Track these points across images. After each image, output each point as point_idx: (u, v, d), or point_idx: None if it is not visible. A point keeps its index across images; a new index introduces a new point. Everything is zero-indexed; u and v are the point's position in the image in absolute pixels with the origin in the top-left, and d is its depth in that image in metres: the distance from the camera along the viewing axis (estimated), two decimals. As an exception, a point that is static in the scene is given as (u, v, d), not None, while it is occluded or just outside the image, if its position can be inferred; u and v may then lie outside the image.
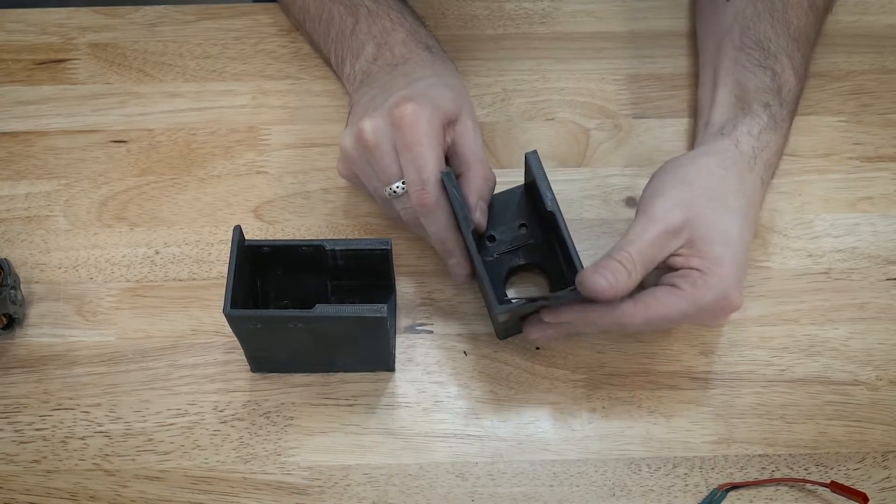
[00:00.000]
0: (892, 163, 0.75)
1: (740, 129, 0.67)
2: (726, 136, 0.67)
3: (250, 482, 0.63)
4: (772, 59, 0.70)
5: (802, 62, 0.72)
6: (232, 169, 0.75)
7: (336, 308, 0.61)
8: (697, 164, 0.65)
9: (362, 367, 0.67)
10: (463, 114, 0.66)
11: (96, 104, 0.78)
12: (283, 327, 0.61)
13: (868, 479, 0.63)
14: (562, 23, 0.83)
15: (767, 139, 0.67)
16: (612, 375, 0.67)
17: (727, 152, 0.66)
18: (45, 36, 0.81)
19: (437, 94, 0.64)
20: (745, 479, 0.63)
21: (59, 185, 0.74)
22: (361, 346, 0.64)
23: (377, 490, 0.63)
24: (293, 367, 0.67)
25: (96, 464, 0.64)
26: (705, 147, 0.67)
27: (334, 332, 0.62)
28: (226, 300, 0.60)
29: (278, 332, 0.62)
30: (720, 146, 0.66)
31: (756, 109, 0.68)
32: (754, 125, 0.67)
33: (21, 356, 0.67)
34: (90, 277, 0.70)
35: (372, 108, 0.64)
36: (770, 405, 0.66)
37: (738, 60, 0.71)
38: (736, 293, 0.62)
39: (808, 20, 0.73)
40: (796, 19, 0.72)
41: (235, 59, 0.80)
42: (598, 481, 0.63)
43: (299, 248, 0.64)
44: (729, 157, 0.65)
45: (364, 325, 0.60)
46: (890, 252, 0.71)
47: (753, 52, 0.70)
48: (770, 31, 0.71)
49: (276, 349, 0.64)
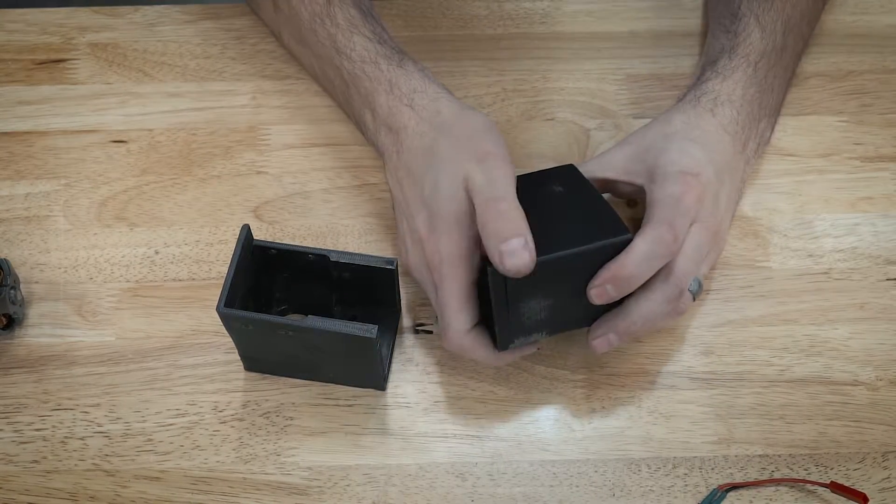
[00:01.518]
0: (892, 163, 0.75)
1: (687, 92, 0.70)
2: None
3: (250, 482, 0.63)
4: (737, 22, 0.72)
5: (776, 17, 0.72)
6: (232, 169, 0.75)
7: (326, 322, 0.60)
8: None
9: (352, 382, 0.66)
10: (469, 170, 0.60)
11: (96, 104, 0.78)
12: (273, 333, 0.61)
13: (868, 480, 0.63)
14: (562, 23, 0.83)
15: (709, 87, 0.68)
16: (612, 375, 0.67)
17: (669, 108, 0.69)
18: (45, 36, 0.81)
19: (443, 196, 0.60)
20: (744, 479, 0.63)
21: (59, 185, 0.74)
22: (352, 363, 0.64)
23: (377, 490, 0.63)
24: (284, 371, 0.66)
25: (96, 464, 0.64)
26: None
27: (324, 345, 0.61)
28: (220, 298, 0.60)
29: (269, 337, 0.62)
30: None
31: (705, 71, 0.70)
32: (698, 81, 0.70)
33: (20, 356, 0.67)
34: (90, 277, 0.70)
35: (409, 236, 0.64)
36: (770, 405, 0.66)
37: (713, 32, 0.74)
38: (704, 168, 0.63)
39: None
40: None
41: (235, 59, 0.80)
42: (598, 481, 0.63)
43: (306, 255, 0.63)
44: (671, 108, 0.69)
45: (352, 343, 0.60)
46: (890, 252, 0.71)
47: (724, 20, 0.73)
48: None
49: (267, 352, 0.64)
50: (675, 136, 0.65)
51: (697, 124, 0.66)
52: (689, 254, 0.61)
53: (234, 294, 0.61)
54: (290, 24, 0.76)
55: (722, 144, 0.66)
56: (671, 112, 0.68)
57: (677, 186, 0.62)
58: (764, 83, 0.70)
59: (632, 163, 0.66)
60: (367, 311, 0.67)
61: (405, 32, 0.82)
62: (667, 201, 0.61)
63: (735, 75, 0.69)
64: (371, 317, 0.64)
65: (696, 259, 0.62)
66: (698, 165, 0.63)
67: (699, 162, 0.63)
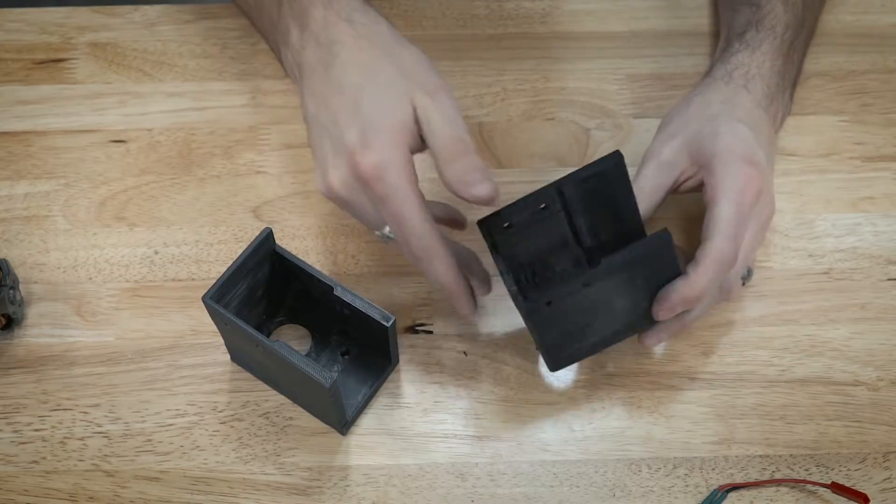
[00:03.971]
0: (893, 162, 0.75)
1: (715, 65, 0.70)
2: (704, 76, 0.71)
3: (250, 483, 0.63)
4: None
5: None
6: (232, 169, 0.75)
7: (292, 353, 0.57)
8: (674, 107, 0.70)
9: (317, 415, 0.65)
10: (419, 100, 0.59)
11: (95, 104, 0.78)
12: (248, 341, 0.60)
13: (869, 480, 0.63)
14: (562, 23, 0.82)
15: (739, 60, 0.69)
16: (612, 375, 0.67)
17: (700, 85, 0.70)
18: (45, 35, 0.81)
19: (382, 111, 0.59)
20: (745, 479, 0.63)
21: (59, 185, 0.74)
22: (315, 398, 0.62)
23: (377, 490, 0.63)
24: (261, 376, 0.66)
25: (95, 464, 0.64)
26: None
27: (290, 373, 0.60)
28: (211, 288, 0.59)
29: (245, 343, 0.61)
30: (698, 85, 0.70)
31: (733, 44, 0.71)
32: (726, 55, 0.70)
33: (20, 356, 0.67)
34: (89, 278, 0.70)
35: (331, 153, 0.60)
36: (770, 405, 0.66)
37: (731, 5, 0.75)
38: (757, 151, 0.63)
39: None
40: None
41: (235, 59, 0.80)
42: (599, 482, 0.63)
43: (316, 280, 0.61)
44: (702, 85, 0.69)
45: (312, 382, 0.57)
46: (891, 252, 0.71)
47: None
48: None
49: (248, 354, 0.64)
50: (720, 117, 0.65)
51: (738, 102, 0.67)
52: (745, 252, 0.63)
53: (228, 288, 0.60)
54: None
55: (762, 122, 0.67)
56: (706, 91, 0.68)
57: (739, 179, 0.62)
58: (788, 55, 0.71)
59: (687, 155, 0.65)
60: (363, 350, 0.66)
61: (405, 32, 0.80)
62: (731, 198, 0.61)
63: (763, 46, 0.70)
64: (364, 356, 0.64)
65: (750, 255, 0.63)
66: (752, 150, 0.63)
67: (752, 145, 0.64)
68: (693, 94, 0.69)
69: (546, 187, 0.58)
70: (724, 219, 0.61)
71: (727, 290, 0.64)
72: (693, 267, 0.61)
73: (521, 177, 0.74)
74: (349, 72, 0.61)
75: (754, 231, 0.63)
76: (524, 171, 0.74)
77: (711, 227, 0.61)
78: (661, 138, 0.67)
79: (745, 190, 0.62)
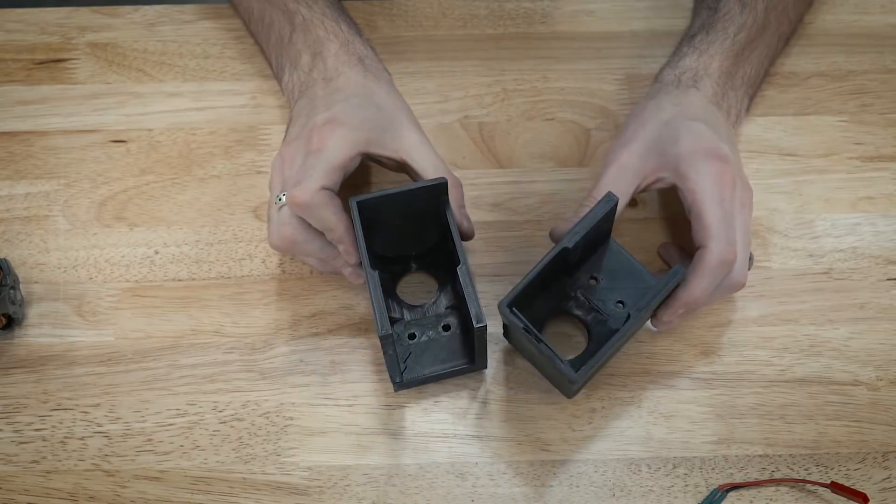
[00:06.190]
0: (892, 162, 0.75)
1: (664, 70, 0.72)
2: (654, 82, 0.72)
3: (250, 482, 0.63)
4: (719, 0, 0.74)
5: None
6: (232, 169, 0.75)
7: (375, 287, 0.61)
8: (629, 114, 0.71)
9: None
10: (400, 129, 0.66)
11: (96, 104, 0.78)
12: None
13: (868, 480, 0.63)
14: (562, 23, 0.83)
15: (687, 64, 0.70)
16: (612, 375, 0.67)
17: (650, 90, 0.71)
18: (45, 36, 0.81)
19: (361, 115, 0.65)
20: (745, 479, 0.63)
21: (59, 185, 0.74)
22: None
23: (377, 490, 0.63)
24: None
25: (95, 464, 0.64)
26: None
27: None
28: (364, 262, 0.62)
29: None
30: (649, 90, 0.72)
31: (682, 48, 0.72)
32: (675, 59, 0.72)
33: (20, 356, 0.67)
34: (89, 277, 0.70)
35: (297, 131, 0.66)
36: (770, 405, 0.66)
37: (697, 11, 0.77)
38: (720, 145, 0.64)
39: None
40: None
41: (235, 59, 0.80)
42: (598, 481, 0.63)
43: (455, 247, 0.63)
44: (652, 90, 0.70)
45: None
46: (891, 252, 0.71)
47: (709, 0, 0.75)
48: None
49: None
50: (676, 119, 0.66)
51: (690, 101, 0.67)
52: (742, 243, 0.63)
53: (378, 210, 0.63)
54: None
55: (716, 117, 0.68)
56: (657, 96, 0.69)
57: (711, 177, 0.63)
58: (741, 55, 0.71)
59: (650, 161, 0.66)
60: (463, 336, 0.67)
61: (405, 32, 0.82)
62: (712, 200, 0.62)
63: (711, 49, 0.71)
64: (457, 343, 0.66)
65: (746, 243, 0.64)
66: (715, 144, 0.64)
67: (712, 139, 0.64)
68: (645, 100, 0.70)
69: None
70: (713, 223, 0.62)
71: (737, 282, 0.64)
72: (692, 273, 0.62)
73: (521, 177, 0.74)
74: (350, 86, 0.68)
75: (742, 220, 0.64)
76: (524, 171, 0.75)
77: (703, 234, 0.62)
78: (618, 144, 0.68)
79: (721, 186, 0.63)
